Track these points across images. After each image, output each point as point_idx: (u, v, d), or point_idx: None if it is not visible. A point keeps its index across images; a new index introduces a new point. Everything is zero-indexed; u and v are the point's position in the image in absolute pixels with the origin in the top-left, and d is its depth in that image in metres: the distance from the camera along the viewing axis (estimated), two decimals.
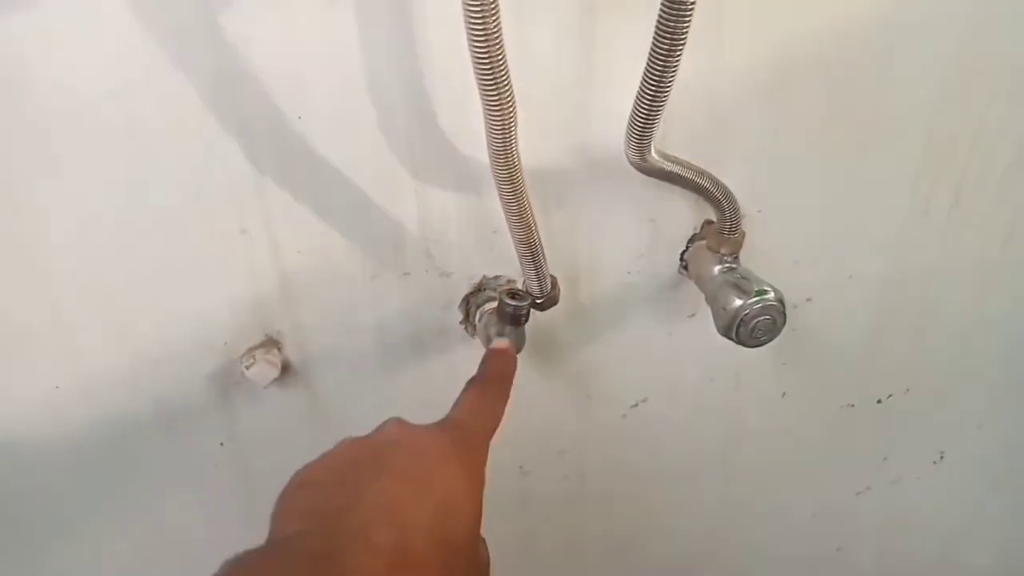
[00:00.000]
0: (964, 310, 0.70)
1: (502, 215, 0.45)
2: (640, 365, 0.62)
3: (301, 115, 0.43)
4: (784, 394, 0.69)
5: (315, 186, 0.45)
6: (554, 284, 0.51)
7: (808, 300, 0.63)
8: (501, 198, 0.43)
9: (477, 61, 0.36)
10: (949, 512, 0.93)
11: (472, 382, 0.42)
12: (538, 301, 0.50)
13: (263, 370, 0.51)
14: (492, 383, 0.43)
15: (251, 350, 0.51)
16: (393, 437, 0.34)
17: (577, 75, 0.46)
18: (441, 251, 0.51)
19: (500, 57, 0.36)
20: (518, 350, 0.50)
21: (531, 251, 0.47)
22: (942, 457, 0.85)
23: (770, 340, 0.51)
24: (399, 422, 0.36)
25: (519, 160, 0.41)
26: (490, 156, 0.41)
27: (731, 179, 0.50)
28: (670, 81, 0.38)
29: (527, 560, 0.72)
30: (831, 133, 0.54)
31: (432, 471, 0.33)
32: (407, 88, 0.43)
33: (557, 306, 0.53)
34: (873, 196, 0.59)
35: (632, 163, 0.45)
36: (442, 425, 0.37)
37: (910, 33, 0.51)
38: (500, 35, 0.35)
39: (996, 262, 0.67)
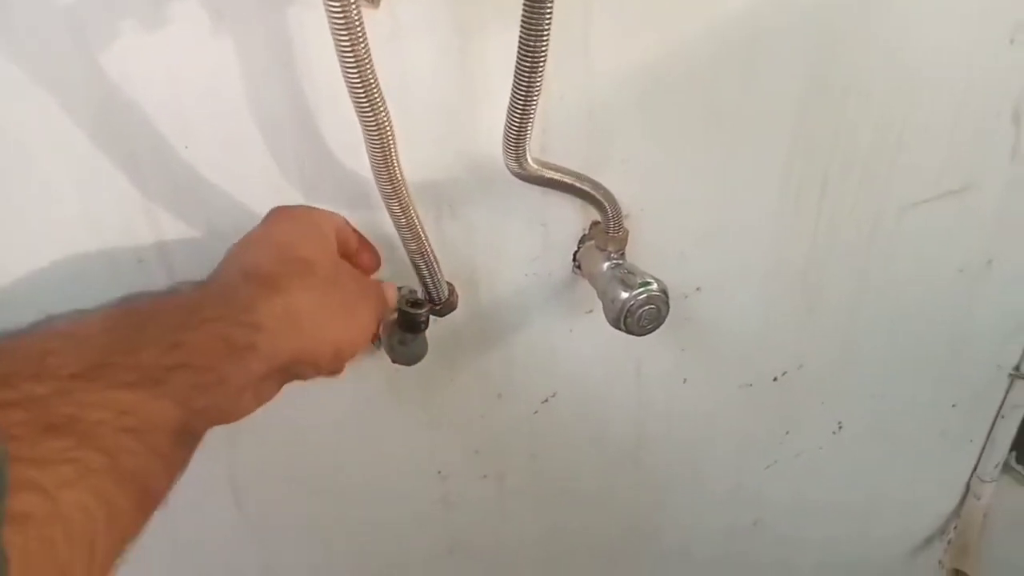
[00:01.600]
0: (844, 290, 0.76)
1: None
2: (545, 362, 0.65)
3: (188, 144, 0.44)
4: (685, 380, 0.73)
5: (207, 212, 0.46)
6: (451, 291, 0.53)
7: (698, 289, 0.67)
8: (390, 212, 0.46)
9: (352, 86, 0.38)
10: (853, 478, 1.00)
11: None
12: (436, 307, 0.52)
13: None
14: None
15: None
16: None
17: (457, 91, 0.48)
18: None
19: (373, 81, 0.38)
20: (419, 358, 0.52)
21: (424, 260, 0.49)
22: (840, 427, 0.91)
23: (656, 328, 0.55)
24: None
25: (402, 176, 0.44)
26: (374, 174, 0.43)
27: (612, 181, 0.54)
28: (536, 92, 0.41)
29: (456, 563, 0.74)
30: (703, 133, 0.58)
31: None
32: (292, 110, 0.45)
33: (460, 311, 0.56)
34: (747, 189, 0.63)
35: (512, 172, 0.47)
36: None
37: (772, 38, 0.56)
38: (370, 59, 0.37)
39: (867, 244, 0.73)
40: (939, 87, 0.65)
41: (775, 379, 0.80)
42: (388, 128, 0.41)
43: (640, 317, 0.53)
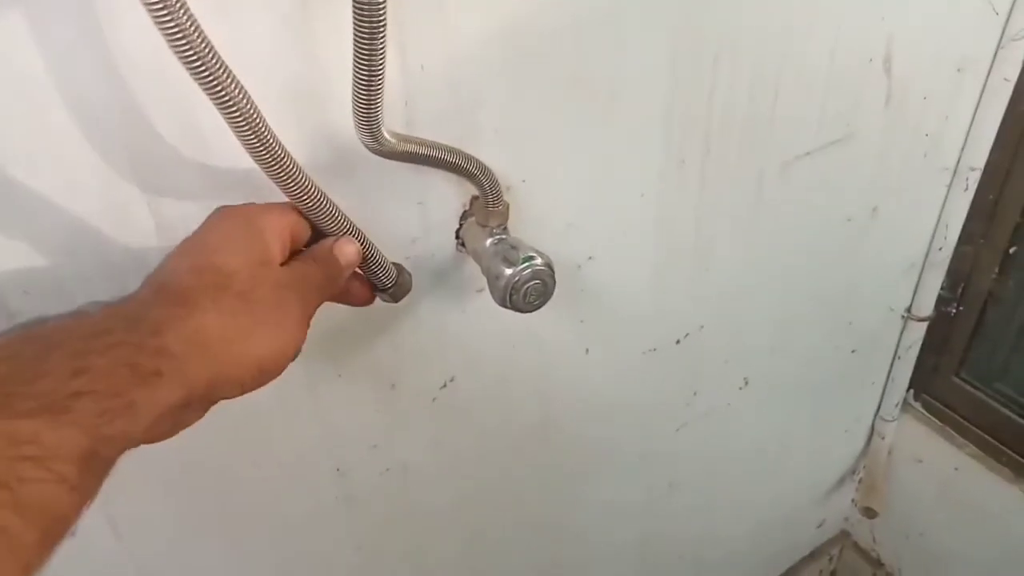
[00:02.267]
0: (735, 248, 0.76)
1: None
2: (439, 347, 0.62)
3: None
4: (587, 350, 0.72)
5: (32, 226, 0.41)
6: (400, 271, 0.51)
7: (590, 259, 0.66)
8: (292, 198, 0.42)
9: (189, 66, 0.34)
10: (762, 430, 1.02)
11: None
12: (388, 291, 0.50)
13: None
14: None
15: None
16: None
17: (306, 65, 0.44)
18: None
19: (212, 56, 0.34)
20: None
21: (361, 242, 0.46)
22: (746, 383, 0.92)
23: (544, 303, 0.53)
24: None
25: (288, 155, 0.40)
26: (255, 161, 0.39)
27: (488, 153, 0.51)
28: (380, 57, 0.38)
29: (365, 560, 0.71)
30: (575, 99, 0.56)
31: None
32: (115, 101, 0.40)
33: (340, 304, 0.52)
34: (629, 154, 0.62)
35: (369, 149, 0.44)
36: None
37: (636, 2, 0.54)
38: (199, 30, 0.33)
39: (754, 200, 0.74)
40: (809, 37, 0.65)
41: (677, 342, 0.80)
42: (247, 104, 0.36)
43: (526, 293, 0.51)
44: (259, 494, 0.61)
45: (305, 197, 0.42)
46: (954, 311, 1.06)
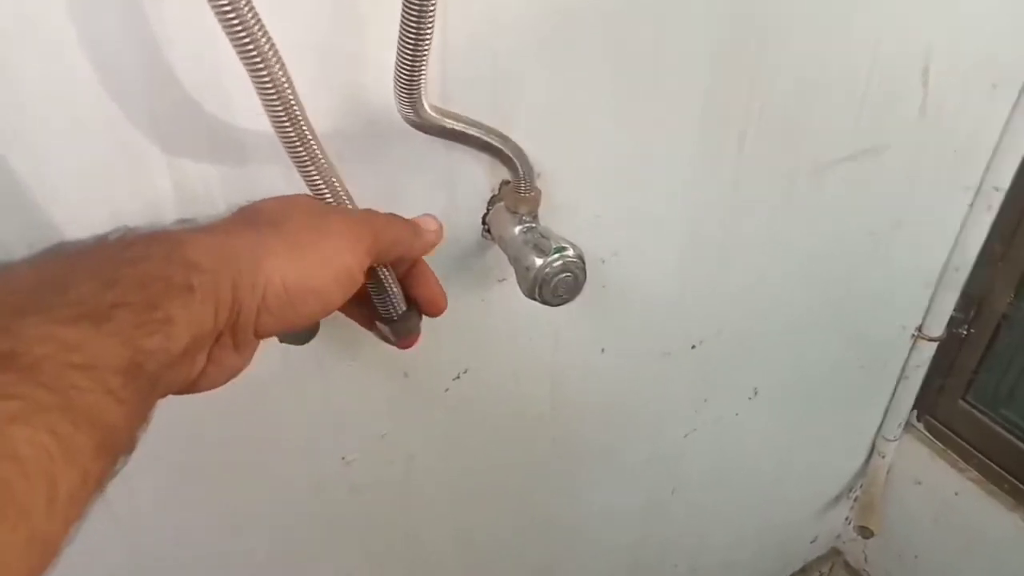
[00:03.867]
0: (759, 253, 0.74)
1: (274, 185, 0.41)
2: (457, 336, 0.60)
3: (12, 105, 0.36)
4: (603, 349, 0.70)
5: (42, 175, 0.38)
6: (410, 308, 0.47)
7: (615, 254, 0.63)
8: (296, 166, 0.38)
9: (222, 16, 0.31)
10: (766, 442, 1.00)
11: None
12: (393, 323, 0.45)
13: None
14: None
15: None
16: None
17: (341, 28, 0.42)
18: None
19: (247, 6, 0.31)
20: (309, 337, 0.46)
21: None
22: (756, 392, 0.90)
23: (572, 298, 0.51)
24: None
25: (315, 136, 0.37)
26: (276, 131, 0.36)
27: (522, 136, 0.49)
28: (429, 24, 0.36)
29: (363, 552, 0.69)
30: (615, 84, 0.54)
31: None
32: (141, 54, 0.37)
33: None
34: (663, 144, 0.60)
35: (408, 121, 0.42)
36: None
37: None
38: None
39: (783, 204, 0.72)
40: (853, 37, 0.63)
41: (693, 347, 0.78)
42: (277, 64, 0.34)
43: (556, 286, 0.49)
44: (259, 478, 0.59)
45: (316, 175, 0.38)
46: (965, 333, 1.04)
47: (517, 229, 0.52)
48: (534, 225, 0.52)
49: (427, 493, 0.69)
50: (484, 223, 0.55)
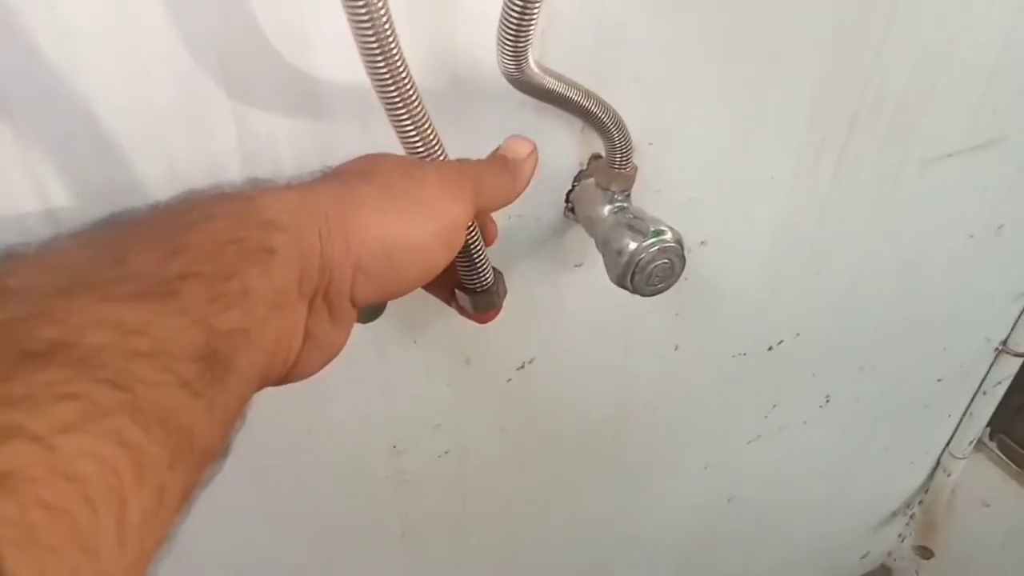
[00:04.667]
0: (853, 252, 0.68)
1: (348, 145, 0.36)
2: (525, 323, 0.55)
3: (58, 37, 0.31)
4: (677, 347, 0.65)
5: (92, 117, 0.34)
6: (497, 278, 0.41)
7: (702, 244, 0.58)
8: (387, 112, 0.33)
9: None
10: (831, 453, 0.94)
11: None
12: (478, 293, 0.40)
13: None
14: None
15: None
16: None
17: None
18: None
19: None
20: (376, 314, 0.41)
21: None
22: (827, 400, 0.84)
23: (668, 287, 0.45)
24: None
25: (405, 65, 0.31)
26: (372, 80, 0.31)
27: (620, 104, 0.43)
28: None
29: (408, 547, 0.65)
30: (727, 56, 0.48)
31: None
32: None
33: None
34: (769, 128, 0.54)
35: (507, 76, 0.37)
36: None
37: None
38: None
39: (885, 200, 0.65)
40: (988, 23, 0.56)
41: (770, 348, 0.72)
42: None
43: (651, 273, 0.44)
44: (303, 463, 0.54)
45: (413, 132, 0.33)
46: None
47: (607, 208, 0.46)
48: (626, 205, 0.47)
49: (479, 488, 0.65)
50: (568, 201, 0.50)
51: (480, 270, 0.38)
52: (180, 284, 0.21)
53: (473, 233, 0.36)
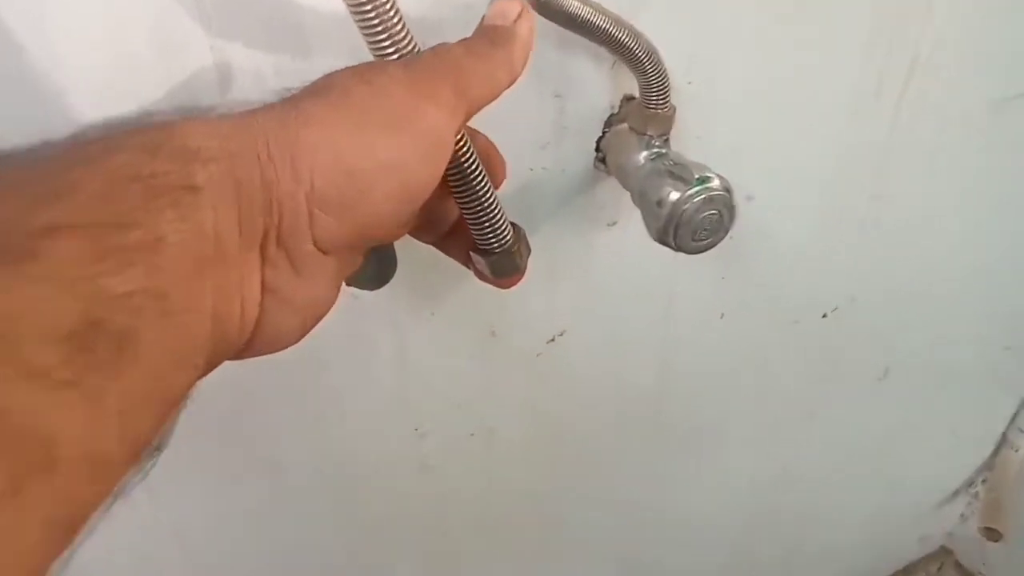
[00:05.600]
0: (914, 205, 0.62)
1: None
2: (555, 290, 0.50)
3: None
4: (723, 315, 0.59)
5: (56, 50, 0.30)
6: (517, 234, 0.35)
7: (749, 199, 0.52)
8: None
9: None
10: (892, 427, 0.88)
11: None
12: (493, 253, 0.34)
13: None
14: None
15: None
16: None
17: None
18: None
19: None
20: (384, 279, 0.37)
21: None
22: (886, 373, 0.78)
23: (716, 243, 0.40)
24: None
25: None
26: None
27: (654, 35, 0.38)
28: None
29: (432, 534, 0.61)
30: None
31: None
32: None
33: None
34: (820, 66, 0.48)
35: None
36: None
37: None
38: None
39: (949, 146, 0.59)
40: None
41: (824, 315, 0.66)
42: None
43: (697, 226, 0.38)
44: (318, 449, 0.50)
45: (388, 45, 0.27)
46: None
47: (643, 155, 0.41)
48: (665, 151, 0.41)
49: (508, 471, 0.60)
50: (598, 149, 0.44)
51: (494, 224, 0.33)
52: (44, 241, 0.17)
53: (464, 144, 0.29)
